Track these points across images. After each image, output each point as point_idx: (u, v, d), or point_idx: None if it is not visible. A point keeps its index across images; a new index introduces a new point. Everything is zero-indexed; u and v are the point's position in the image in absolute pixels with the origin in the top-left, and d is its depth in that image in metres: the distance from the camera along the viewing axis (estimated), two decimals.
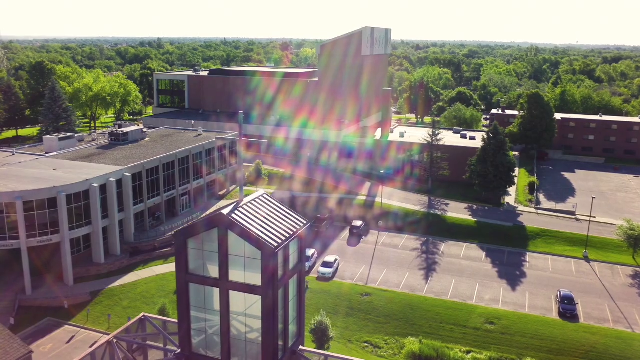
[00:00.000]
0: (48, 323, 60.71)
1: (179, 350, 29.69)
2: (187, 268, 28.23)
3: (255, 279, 27.19)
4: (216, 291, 28.13)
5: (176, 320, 30.53)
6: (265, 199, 29.59)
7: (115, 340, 30.59)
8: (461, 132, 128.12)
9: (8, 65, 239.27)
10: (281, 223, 28.43)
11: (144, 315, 33.77)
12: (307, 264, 71.80)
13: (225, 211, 26.84)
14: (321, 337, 54.77)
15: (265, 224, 27.66)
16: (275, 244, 26.46)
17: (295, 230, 28.55)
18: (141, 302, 64.45)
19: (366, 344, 59.38)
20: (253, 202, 29.02)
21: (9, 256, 68.45)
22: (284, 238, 27.42)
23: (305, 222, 29.57)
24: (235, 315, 28.64)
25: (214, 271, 27.96)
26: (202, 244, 27.66)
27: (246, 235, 26.47)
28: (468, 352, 57.48)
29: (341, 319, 62.76)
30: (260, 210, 28.50)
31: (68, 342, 57.45)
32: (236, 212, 27.35)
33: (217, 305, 28.43)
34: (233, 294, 27.90)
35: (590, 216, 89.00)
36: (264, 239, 26.38)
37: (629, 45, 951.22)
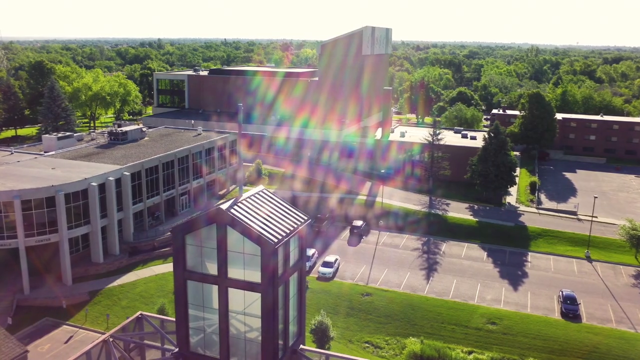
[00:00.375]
0: (46, 323, 60.15)
1: (176, 350, 29.09)
2: (185, 265, 27.63)
3: (255, 276, 26.59)
4: (215, 289, 27.51)
5: (174, 319, 29.93)
6: (265, 194, 28.98)
7: (111, 339, 29.95)
8: (462, 132, 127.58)
9: (8, 66, 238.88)
10: (281, 219, 27.82)
11: (141, 314, 33.13)
12: (308, 264, 71.27)
13: (224, 206, 26.21)
14: (321, 337, 54.23)
15: (265, 219, 27.04)
16: (276, 240, 25.85)
17: (296, 226, 27.95)
18: (140, 302, 63.90)
19: (367, 344, 58.82)
20: (253, 197, 28.39)
21: (8, 256, 67.90)
22: (284, 234, 26.81)
23: (306, 218, 28.97)
24: (234, 313, 28.05)
25: (212, 268, 27.34)
26: (200, 240, 27.05)
27: (246, 231, 25.87)
28: (470, 353, 56.94)
29: (341, 319, 62.21)
30: (260, 206, 27.89)
31: (66, 342, 56.90)
32: (235, 207, 26.71)
33: (215, 303, 27.81)
34: (232, 292, 27.29)
35: (592, 216, 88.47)
36: (264, 235, 25.77)
37: (629, 46, 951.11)
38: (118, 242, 73.65)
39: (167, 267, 71.16)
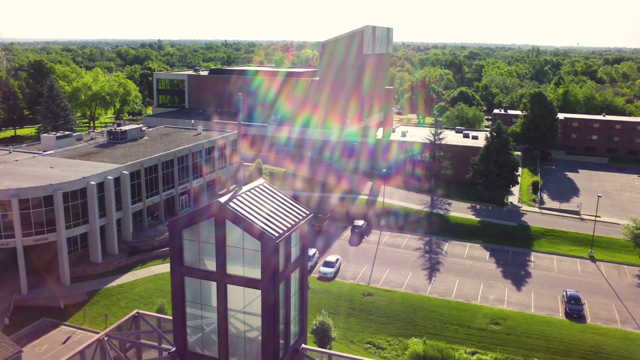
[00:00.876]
0: (44, 323, 59.43)
1: (173, 349, 28.28)
2: (182, 261, 26.82)
3: (255, 272, 25.74)
4: (213, 285, 26.67)
5: (171, 317, 29.12)
6: (266, 187, 28.16)
7: (106, 338, 29.13)
8: (463, 132, 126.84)
9: (8, 66, 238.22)
10: (282, 213, 26.99)
11: (137, 312, 32.33)
12: (309, 263, 70.47)
13: (223, 199, 25.39)
14: (323, 338, 53.44)
15: (265, 213, 26.21)
16: (277, 234, 25.01)
17: (297, 220, 27.11)
18: (139, 302, 63.17)
19: (369, 345, 58.03)
20: (252, 191, 27.56)
21: (6, 256, 67.17)
22: (285, 228, 25.96)
23: (307, 212, 28.13)
24: (233, 311, 27.25)
25: (211, 264, 26.52)
26: (198, 235, 26.23)
27: (245, 225, 25.04)
28: (473, 354, 56.13)
29: (343, 319, 61.45)
30: (260, 199, 27.05)
31: (64, 342, 56.19)
32: (234, 200, 25.88)
33: (214, 301, 26.96)
34: (231, 289, 26.44)
35: (596, 216, 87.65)
36: (265, 229, 24.94)
37: (629, 47, 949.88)
38: (117, 242, 72.93)
39: (167, 267, 70.37)
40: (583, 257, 78.23)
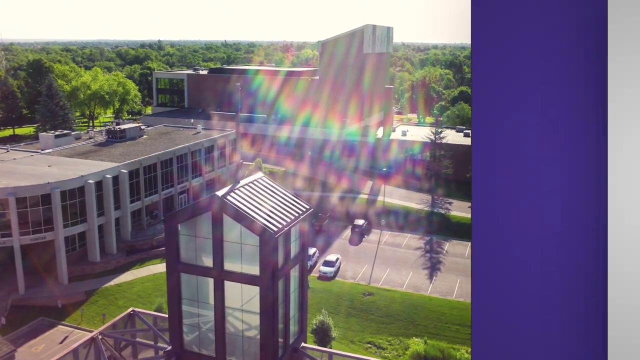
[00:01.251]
0: (41, 323, 58.78)
1: (169, 348, 27.66)
2: (178, 257, 26.23)
3: (254, 268, 25.14)
4: (210, 282, 26.06)
5: (167, 316, 28.48)
6: (264, 181, 27.57)
7: (100, 337, 28.52)
8: (464, 131, 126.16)
9: (7, 66, 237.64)
10: (282, 207, 26.38)
11: (133, 310, 31.72)
12: (309, 263, 69.97)
13: (220, 193, 24.79)
14: (323, 338, 52.81)
15: (264, 207, 25.60)
16: (276, 229, 24.39)
17: (297, 215, 26.50)
18: (137, 302, 62.50)
19: (369, 345, 57.37)
20: (250, 185, 26.94)
21: (4, 255, 66.54)
22: (284, 223, 25.35)
23: (307, 206, 27.53)
24: (231, 309, 26.63)
25: (208, 260, 25.91)
26: (194, 230, 25.61)
27: (243, 219, 24.43)
28: None
29: (343, 319, 60.80)
30: (258, 193, 26.45)
31: (61, 342, 55.53)
32: (232, 194, 25.27)
33: (211, 298, 26.35)
34: (229, 285, 25.81)
35: None
36: (263, 223, 24.33)
37: None
38: (115, 241, 72.33)
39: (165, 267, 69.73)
40: None
